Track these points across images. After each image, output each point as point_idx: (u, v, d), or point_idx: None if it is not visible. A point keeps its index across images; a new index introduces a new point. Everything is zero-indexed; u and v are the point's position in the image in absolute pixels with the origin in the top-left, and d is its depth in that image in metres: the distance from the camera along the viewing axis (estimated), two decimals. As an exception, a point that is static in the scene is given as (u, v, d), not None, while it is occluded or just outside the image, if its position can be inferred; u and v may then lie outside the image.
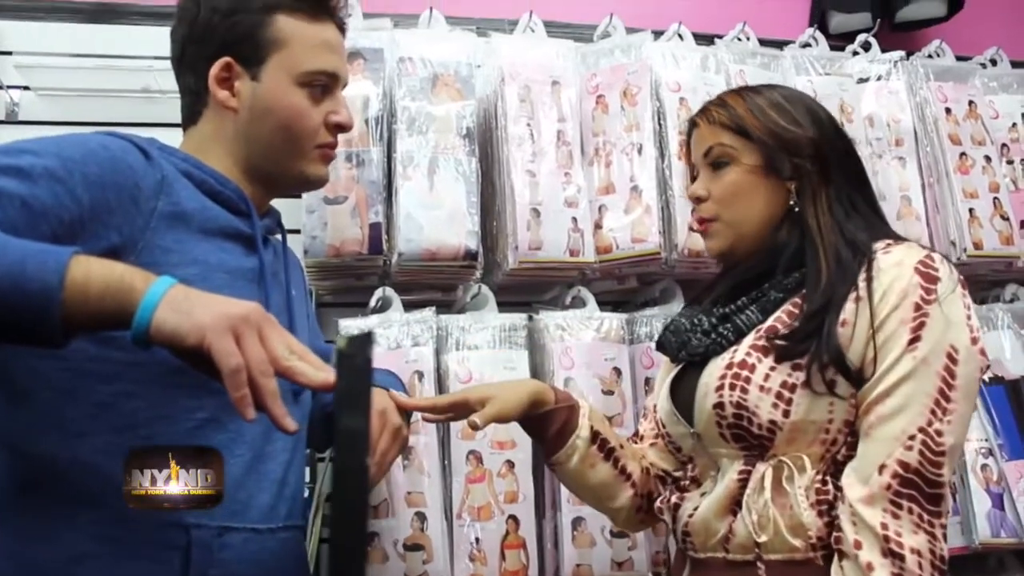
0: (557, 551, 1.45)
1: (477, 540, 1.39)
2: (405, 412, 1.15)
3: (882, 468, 0.94)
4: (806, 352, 0.99)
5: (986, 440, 1.60)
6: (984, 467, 1.58)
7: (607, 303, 1.73)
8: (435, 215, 1.52)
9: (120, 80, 1.74)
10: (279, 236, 1.12)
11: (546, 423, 1.20)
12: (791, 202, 1.11)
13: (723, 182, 1.13)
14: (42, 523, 0.84)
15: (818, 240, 1.06)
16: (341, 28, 1.09)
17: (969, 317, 0.99)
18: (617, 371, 1.55)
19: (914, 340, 0.96)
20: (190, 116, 1.07)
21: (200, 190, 0.96)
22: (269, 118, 1.02)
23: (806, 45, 1.92)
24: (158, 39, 1.72)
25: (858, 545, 0.93)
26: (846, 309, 1.00)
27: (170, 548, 0.86)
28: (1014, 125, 1.90)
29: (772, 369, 1.01)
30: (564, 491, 1.44)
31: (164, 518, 0.85)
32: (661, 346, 1.22)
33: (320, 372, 0.75)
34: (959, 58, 1.99)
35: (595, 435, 1.21)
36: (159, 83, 1.73)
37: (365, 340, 0.64)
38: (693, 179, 1.21)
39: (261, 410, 0.72)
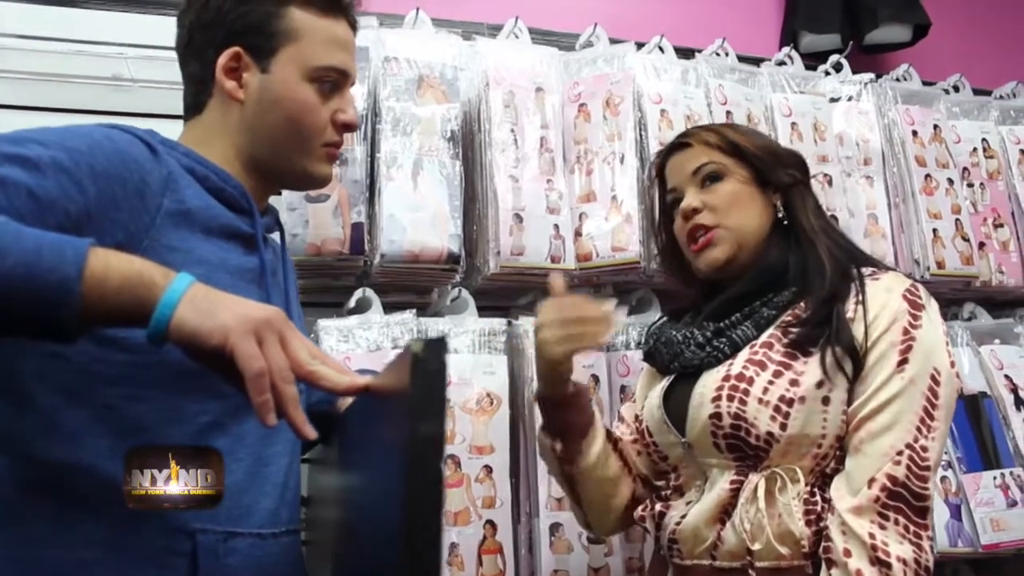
0: (532, 556, 1.45)
1: (454, 545, 1.39)
2: None
3: (871, 482, 0.98)
4: (820, 338, 1.04)
5: (946, 453, 1.65)
6: (943, 479, 1.63)
7: (582, 310, 1.74)
8: (418, 217, 1.51)
9: (89, 66, 1.69)
10: (276, 235, 1.10)
11: (579, 405, 1.19)
12: (779, 215, 1.18)
13: (719, 193, 1.18)
14: (46, 528, 0.81)
15: (813, 237, 1.14)
16: (353, 26, 1.07)
17: (947, 343, 1.06)
18: (595, 378, 1.56)
19: (902, 362, 1.01)
20: (193, 105, 1.04)
21: (203, 186, 0.93)
22: (276, 111, 1.00)
23: (781, 63, 1.97)
24: (131, 26, 1.71)
25: (847, 553, 0.96)
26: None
27: (176, 554, 0.84)
28: (974, 150, 1.98)
29: (771, 383, 1.04)
30: (542, 497, 1.44)
31: (169, 523, 0.83)
32: (650, 356, 1.24)
33: (344, 376, 0.74)
34: (925, 83, 2.06)
35: (606, 428, 1.25)
36: (131, 71, 1.69)
37: (440, 345, 0.63)
38: (665, 204, 1.27)
39: (280, 416, 0.71)
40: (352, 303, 1.55)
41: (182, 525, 0.84)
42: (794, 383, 1.03)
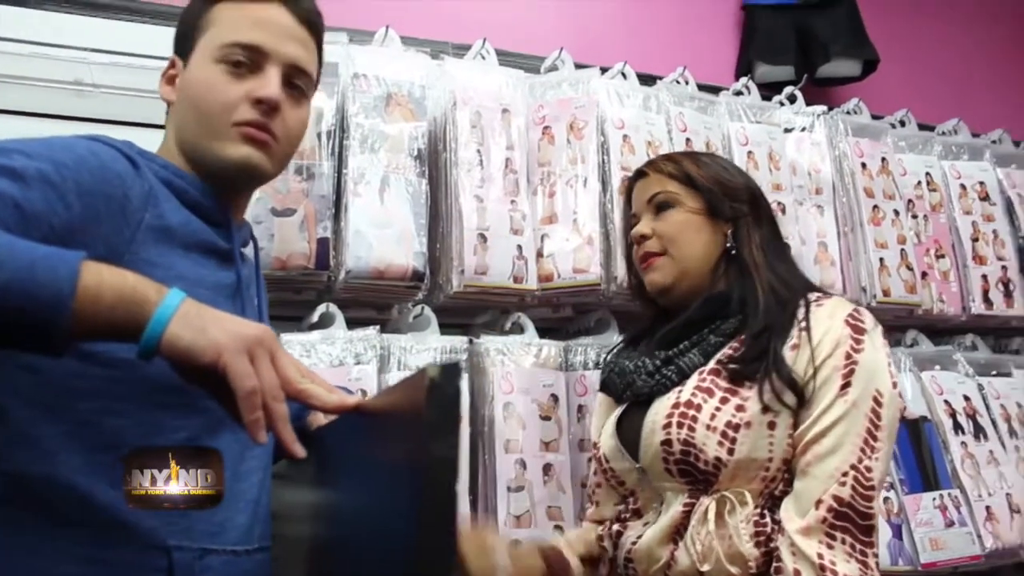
0: (489, 574, 1.46)
1: (413, 562, 1.39)
2: None
3: (819, 503, 1.01)
4: (756, 372, 1.08)
5: (889, 475, 1.72)
6: (886, 500, 1.69)
7: (540, 329, 1.76)
8: (385, 234, 1.52)
9: (50, 70, 1.66)
10: (250, 249, 1.10)
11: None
12: (728, 244, 1.21)
13: (668, 221, 1.23)
14: (21, 544, 0.80)
15: (754, 273, 1.18)
16: (296, 11, 1.01)
17: (889, 364, 1.10)
18: (554, 397, 1.58)
19: (845, 386, 1.05)
20: None
21: (180, 200, 0.93)
22: (186, 99, 0.99)
23: (739, 93, 2.03)
24: (93, 30, 1.69)
25: (797, 573, 1.00)
26: (786, 351, 1.08)
27: (152, 571, 0.83)
28: (919, 183, 2.07)
29: (718, 409, 1.07)
30: (501, 514, 1.45)
31: (145, 540, 0.83)
32: (605, 386, 1.27)
33: (333, 395, 0.75)
34: (874, 116, 2.14)
35: (581, 558, 1.25)
36: (93, 76, 1.67)
37: (455, 370, 0.64)
38: (630, 227, 1.31)
39: (268, 433, 0.71)
40: (315, 318, 1.55)
41: (158, 542, 0.84)
42: (740, 408, 1.07)
